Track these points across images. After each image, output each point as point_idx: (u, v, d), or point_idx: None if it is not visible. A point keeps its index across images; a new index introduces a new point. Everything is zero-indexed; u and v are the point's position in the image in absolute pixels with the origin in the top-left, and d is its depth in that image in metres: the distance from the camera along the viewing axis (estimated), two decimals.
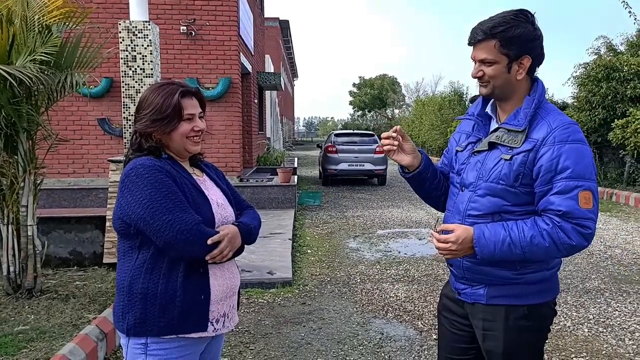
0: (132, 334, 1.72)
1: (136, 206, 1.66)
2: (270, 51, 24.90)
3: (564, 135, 1.75)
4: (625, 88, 12.26)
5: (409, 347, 3.87)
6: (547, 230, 1.73)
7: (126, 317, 1.72)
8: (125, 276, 1.74)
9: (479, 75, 1.86)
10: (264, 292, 5.02)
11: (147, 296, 1.69)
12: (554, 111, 1.84)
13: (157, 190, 1.66)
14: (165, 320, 1.69)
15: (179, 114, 1.76)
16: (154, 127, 1.75)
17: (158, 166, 1.71)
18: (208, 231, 1.71)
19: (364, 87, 54.96)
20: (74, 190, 9.37)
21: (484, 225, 1.80)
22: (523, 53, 1.79)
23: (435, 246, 1.86)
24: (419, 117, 28.41)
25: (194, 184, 1.82)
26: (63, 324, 3.73)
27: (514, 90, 1.86)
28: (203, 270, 1.76)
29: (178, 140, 1.79)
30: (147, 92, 1.80)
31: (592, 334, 4.13)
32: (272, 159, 14.17)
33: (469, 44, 1.87)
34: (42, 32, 4.05)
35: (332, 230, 8.25)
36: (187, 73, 10.35)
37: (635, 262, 6.30)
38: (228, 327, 1.87)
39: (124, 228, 1.73)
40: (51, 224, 5.53)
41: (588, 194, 1.73)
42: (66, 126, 10.09)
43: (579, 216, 1.72)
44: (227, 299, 1.85)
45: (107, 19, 9.42)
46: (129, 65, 5.61)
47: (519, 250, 1.75)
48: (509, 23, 1.78)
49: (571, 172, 1.72)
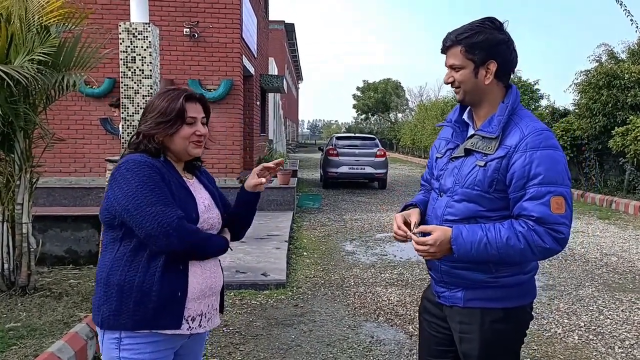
0: (106, 327, 1.75)
1: (122, 197, 1.71)
2: (274, 54, 24.99)
3: (536, 141, 1.78)
4: (626, 96, 12.24)
5: (398, 351, 3.89)
6: (522, 233, 1.76)
7: (101, 309, 1.75)
8: (104, 267, 1.78)
9: (449, 81, 1.92)
10: (257, 294, 5.05)
11: (123, 288, 1.72)
12: (527, 117, 1.87)
13: (144, 183, 1.71)
14: (140, 314, 1.71)
15: (182, 116, 1.82)
16: (157, 129, 1.81)
17: (149, 162, 1.76)
18: (189, 227, 1.75)
19: (367, 90, 55.04)
20: (74, 189, 9.43)
21: (462, 226, 1.83)
22: (488, 58, 1.84)
23: (415, 248, 1.90)
24: (422, 121, 28.44)
25: (182, 183, 1.87)
26: (54, 321, 3.76)
27: (484, 96, 1.90)
28: (183, 267, 1.79)
29: (179, 143, 1.85)
30: (154, 97, 1.88)
31: (582, 341, 4.14)
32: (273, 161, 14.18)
33: (441, 52, 1.94)
34: (41, 33, 4.10)
35: (330, 233, 8.27)
36: (189, 74, 10.40)
37: (630, 270, 6.30)
38: (205, 328, 1.88)
39: (109, 219, 1.77)
40: (48, 222, 5.57)
41: (560, 199, 1.75)
42: (69, 125, 10.15)
43: (552, 221, 1.74)
44: (206, 298, 1.86)
45: (110, 20, 9.49)
46: (128, 67, 5.65)
47: (495, 251, 1.78)
48: (473, 30, 1.85)
49: (543, 178, 1.75)
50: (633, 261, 6.73)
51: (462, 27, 1.88)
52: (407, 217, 2.01)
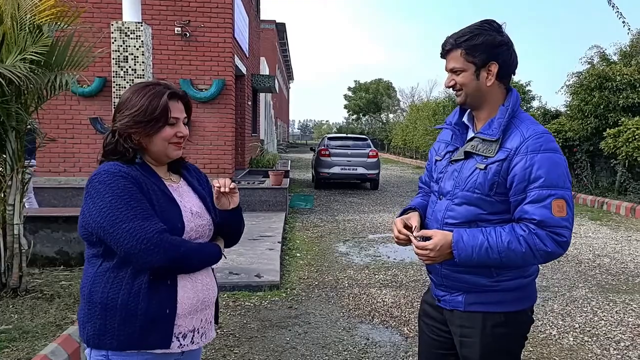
0: (92, 345, 1.66)
1: (97, 214, 1.59)
2: (266, 54, 24.94)
3: (537, 144, 1.78)
4: (617, 97, 12.35)
5: (393, 353, 3.88)
6: (523, 236, 1.75)
7: (86, 327, 1.66)
8: (87, 282, 1.68)
9: (451, 84, 1.92)
10: (251, 295, 5.02)
11: (107, 307, 1.62)
12: (527, 120, 1.87)
13: (119, 197, 1.59)
14: (125, 334, 1.61)
15: (165, 116, 1.69)
16: (136, 128, 1.68)
17: (123, 172, 1.64)
18: (172, 240, 1.62)
19: (359, 91, 55.06)
20: (64, 189, 9.32)
21: (462, 230, 1.83)
22: (489, 60, 1.84)
23: (415, 252, 1.89)
24: (413, 122, 28.47)
25: (164, 190, 1.74)
26: (47, 324, 3.71)
27: (485, 98, 1.90)
28: (171, 282, 1.67)
29: (159, 145, 1.72)
30: (130, 91, 1.72)
31: (578, 343, 4.15)
32: (264, 161, 14.16)
33: (441, 57, 1.94)
34: (33, 32, 4.04)
35: (322, 234, 8.25)
36: (180, 74, 10.35)
37: (623, 271, 6.34)
38: (198, 344, 1.77)
39: (87, 236, 1.67)
40: (39, 222, 5.51)
41: (561, 202, 1.74)
42: (58, 125, 10.06)
43: (553, 224, 1.74)
44: (197, 312, 1.75)
45: (101, 19, 9.42)
46: (120, 66, 5.61)
47: (496, 255, 1.77)
48: (472, 32, 1.85)
49: (544, 181, 1.74)
50: (626, 262, 6.77)
51: (461, 30, 1.88)
52: (406, 220, 2.00)
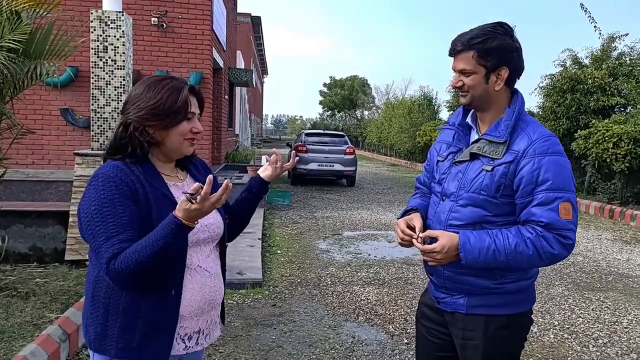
0: (93, 348, 1.62)
1: (83, 222, 1.57)
2: (241, 47, 24.65)
3: (544, 147, 1.78)
4: (588, 100, 12.65)
5: (380, 351, 3.87)
6: (530, 239, 1.75)
7: (89, 329, 1.63)
8: (90, 281, 1.65)
9: (458, 85, 1.89)
10: (233, 293, 4.94)
11: (109, 311, 1.59)
12: (533, 123, 1.87)
13: (100, 209, 1.53)
14: (124, 342, 1.58)
15: (185, 110, 1.67)
16: (154, 120, 1.64)
17: (119, 178, 1.57)
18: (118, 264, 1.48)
19: (334, 87, 55.04)
20: (33, 182, 8.98)
21: (469, 232, 1.81)
22: (501, 64, 1.82)
23: (422, 254, 1.86)
24: (389, 119, 28.65)
25: (166, 193, 1.66)
26: (23, 323, 3.56)
27: (492, 101, 1.89)
28: (175, 292, 1.62)
29: (174, 140, 1.69)
30: (144, 85, 1.67)
31: (558, 340, 4.22)
32: (241, 156, 14.01)
33: (450, 55, 1.91)
34: (11, 19, 3.86)
35: (302, 231, 8.21)
36: (157, 65, 10.12)
37: (596, 269, 6.49)
38: (203, 345, 1.75)
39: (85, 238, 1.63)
40: (10, 217, 5.30)
41: (568, 205, 1.75)
42: (26, 115, 9.67)
43: (560, 227, 1.74)
44: (204, 314, 1.73)
45: (75, 6, 9.12)
46: (99, 56, 5.43)
47: (503, 257, 1.76)
48: (486, 35, 1.81)
49: (551, 184, 1.75)
50: (598, 260, 6.94)
51: (473, 31, 1.84)
52: (409, 221, 1.97)
